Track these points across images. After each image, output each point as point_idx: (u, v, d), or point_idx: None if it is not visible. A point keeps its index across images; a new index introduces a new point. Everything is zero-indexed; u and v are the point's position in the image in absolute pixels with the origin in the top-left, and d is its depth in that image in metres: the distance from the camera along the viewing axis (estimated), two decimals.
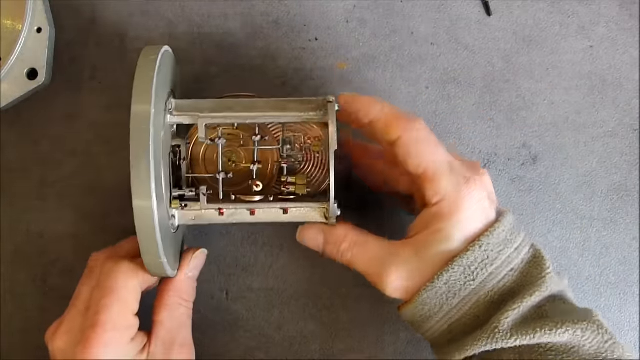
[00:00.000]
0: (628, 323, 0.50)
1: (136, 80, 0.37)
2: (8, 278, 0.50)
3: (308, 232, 0.44)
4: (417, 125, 0.41)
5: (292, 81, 0.51)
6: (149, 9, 0.51)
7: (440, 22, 0.52)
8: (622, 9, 0.52)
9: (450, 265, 0.39)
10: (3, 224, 0.50)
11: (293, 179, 0.43)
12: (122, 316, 0.40)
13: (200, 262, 0.45)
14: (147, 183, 0.36)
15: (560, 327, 0.38)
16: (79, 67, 0.51)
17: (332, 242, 0.43)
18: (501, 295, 0.40)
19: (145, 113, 0.36)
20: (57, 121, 0.51)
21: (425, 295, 0.40)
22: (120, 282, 0.40)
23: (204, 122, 0.41)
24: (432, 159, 0.40)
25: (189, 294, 0.44)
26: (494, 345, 0.38)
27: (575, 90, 0.52)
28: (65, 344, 0.40)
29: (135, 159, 0.36)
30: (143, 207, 0.36)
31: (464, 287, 0.40)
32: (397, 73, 0.51)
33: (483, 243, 0.39)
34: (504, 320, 0.38)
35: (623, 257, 0.51)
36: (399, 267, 0.40)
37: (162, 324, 0.42)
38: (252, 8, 0.52)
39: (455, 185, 0.40)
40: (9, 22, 0.47)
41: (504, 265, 0.40)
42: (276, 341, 0.50)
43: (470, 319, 0.40)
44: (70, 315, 0.41)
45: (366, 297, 0.50)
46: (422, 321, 0.41)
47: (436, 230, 0.40)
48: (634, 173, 0.51)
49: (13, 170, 0.50)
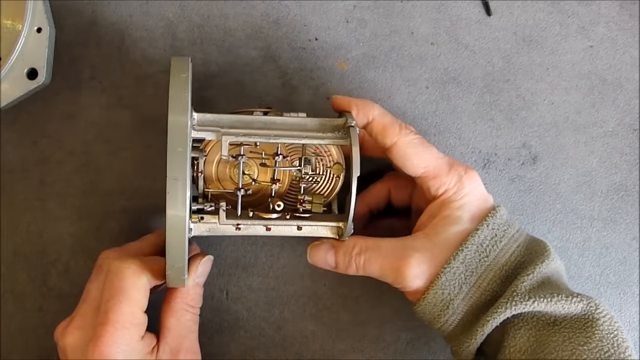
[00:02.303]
0: (628, 323, 0.50)
1: (172, 91, 0.37)
2: (8, 278, 0.50)
3: (318, 251, 0.45)
4: (409, 130, 0.43)
5: (292, 81, 0.51)
6: (149, 9, 0.51)
7: (440, 22, 0.52)
8: (622, 9, 0.52)
9: (464, 245, 0.42)
10: (3, 224, 0.50)
11: (310, 197, 0.44)
12: (131, 314, 0.40)
13: (206, 268, 0.46)
14: (182, 197, 0.36)
15: (576, 297, 0.40)
16: (79, 67, 0.51)
17: (342, 252, 0.44)
18: (514, 270, 0.42)
19: (183, 124, 0.37)
20: (57, 121, 0.51)
21: (444, 278, 0.41)
22: (129, 280, 0.40)
23: (228, 140, 0.41)
24: (429, 159, 0.43)
25: (196, 301, 0.44)
26: (513, 309, 0.40)
27: (575, 90, 0.52)
28: (76, 340, 0.40)
29: (172, 171, 0.36)
30: (177, 217, 0.36)
31: (480, 264, 0.42)
32: (397, 73, 0.51)
33: (490, 222, 0.42)
34: (521, 285, 0.41)
35: (623, 257, 0.51)
36: (416, 255, 0.42)
37: (169, 329, 0.43)
38: (252, 8, 0.52)
39: (456, 177, 0.43)
40: (9, 22, 0.47)
41: (511, 242, 0.43)
42: (276, 341, 0.50)
43: (489, 295, 0.42)
44: (81, 312, 0.42)
45: (366, 297, 0.50)
46: (443, 308, 0.42)
47: (444, 216, 0.43)
48: (634, 173, 0.51)
49: (13, 170, 0.50)
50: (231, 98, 0.51)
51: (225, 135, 0.40)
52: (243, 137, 0.41)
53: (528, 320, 0.41)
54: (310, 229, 0.43)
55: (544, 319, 0.41)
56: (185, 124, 0.37)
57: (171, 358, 0.42)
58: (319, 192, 0.45)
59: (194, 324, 0.44)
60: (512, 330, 0.41)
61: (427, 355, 0.50)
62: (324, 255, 0.44)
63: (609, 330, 0.40)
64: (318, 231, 0.44)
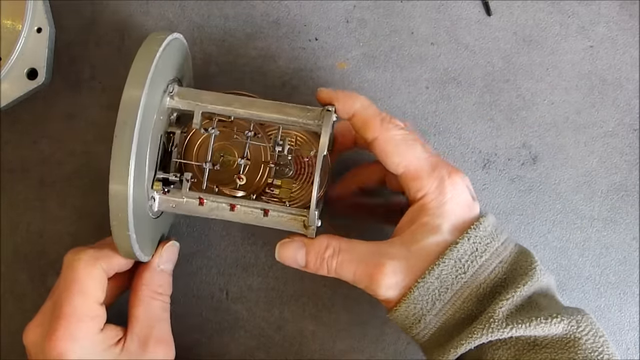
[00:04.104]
0: (628, 323, 0.50)
1: (135, 61, 0.38)
2: (8, 278, 0.50)
3: (287, 249, 0.42)
4: (393, 124, 0.41)
5: (292, 81, 0.51)
6: (149, 9, 0.51)
7: (440, 22, 0.52)
8: (622, 9, 0.52)
9: (441, 259, 0.39)
10: (3, 224, 0.50)
11: (279, 182, 0.43)
12: (85, 306, 0.39)
13: (171, 254, 0.44)
14: (128, 143, 0.36)
15: (555, 317, 0.38)
16: (79, 67, 0.51)
17: (314, 252, 0.41)
18: (493, 288, 0.40)
19: (137, 96, 0.37)
20: (57, 121, 0.51)
21: (416, 293, 0.39)
22: (81, 271, 0.39)
23: (201, 110, 0.42)
24: (411, 158, 0.40)
25: (164, 288, 0.43)
26: (489, 336, 0.38)
27: (575, 90, 0.52)
28: (36, 338, 0.40)
29: (123, 115, 0.36)
30: (119, 174, 0.36)
31: (456, 280, 0.39)
32: (397, 73, 0.51)
33: (471, 235, 0.39)
34: (498, 310, 0.38)
35: (623, 257, 0.51)
36: (391, 263, 0.39)
37: (136, 319, 0.41)
38: (252, 8, 0.52)
39: (438, 180, 0.40)
40: (9, 22, 0.47)
41: (493, 257, 0.40)
42: (276, 341, 0.50)
43: (463, 314, 0.40)
44: (42, 310, 0.41)
45: (366, 297, 0.50)
46: (414, 322, 0.40)
47: (423, 223, 0.40)
48: (634, 173, 0.51)
49: (13, 170, 0.50)
50: None
51: (199, 106, 0.41)
52: (218, 111, 0.42)
53: (507, 341, 0.38)
54: (277, 217, 0.42)
55: (523, 340, 0.38)
56: (139, 94, 0.37)
57: (139, 349, 0.41)
58: (298, 193, 0.44)
59: (163, 311, 0.43)
60: (490, 350, 0.39)
61: None
62: (294, 253, 0.42)
63: (593, 348, 0.38)
64: (285, 223, 0.42)
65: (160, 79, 0.40)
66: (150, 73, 0.37)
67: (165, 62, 0.40)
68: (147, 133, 0.39)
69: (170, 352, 0.43)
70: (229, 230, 0.50)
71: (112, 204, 0.37)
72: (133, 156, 0.36)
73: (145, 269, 0.43)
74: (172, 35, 0.41)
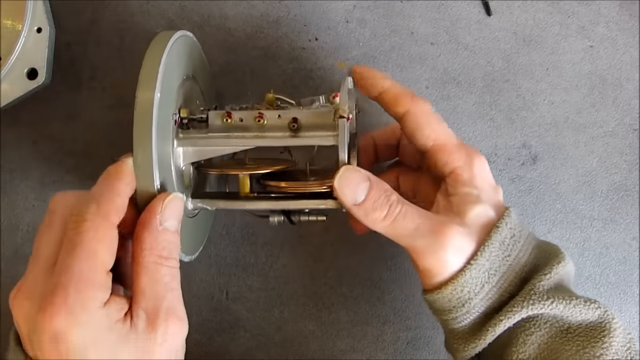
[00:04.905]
0: (628, 323, 0.50)
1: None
2: (8, 278, 0.49)
3: (352, 175, 0.38)
4: (422, 100, 0.41)
5: (292, 81, 0.51)
6: (149, 9, 0.51)
7: (440, 22, 0.52)
8: (622, 9, 0.52)
9: (489, 240, 0.38)
10: (3, 224, 0.50)
11: None
12: (92, 275, 0.33)
13: (174, 210, 0.36)
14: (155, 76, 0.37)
15: (593, 302, 0.38)
16: (79, 67, 0.51)
17: (378, 189, 0.38)
18: (530, 272, 0.40)
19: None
20: (57, 121, 0.51)
21: (468, 275, 0.38)
22: (89, 234, 0.33)
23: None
24: (440, 132, 0.41)
25: (169, 250, 0.35)
26: (530, 309, 0.37)
27: (575, 90, 0.52)
28: (26, 313, 0.33)
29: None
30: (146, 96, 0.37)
31: (502, 262, 0.39)
32: (397, 73, 0.51)
33: (507, 221, 0.39)
34: (539, 284, 0.38)
35: (623, 257, 0.51)
36: (456, 227, 0.38)
37: (142, 290, 0.34)
38: (252, 8, 0.52)
39: (466, 156, 0.40)
40: (9, 22, 0.47)
41: (527, 242, 0.40)
42: (276, 341, 0.50)
43: (506, 298, 0.39)
44: (32, 275, 0.34)
45: (366, 297, 0.50)
46: (458, 305, 0.39)
47: (463, 193, 0.40)
48: (634, 173, 0.51)
49: (13, 170, 0.50)
50: (232, 98, 0.51)
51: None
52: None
53: (541, 326, 0.38)
54: (308, 136, 0.40)
55: (558, 325, 0.38)
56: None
57: (148, 326, 0.34)
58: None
59: (172, 279, 0.35)
60: (523, 335, 0.38)
61: (427, 355, 0.50)
62: (357, 183, 0.38)
63: (623, 342, 0.38)
64: (318, 141, 0.40)
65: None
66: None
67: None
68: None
69: (183, 326, 0.35)
70: (229, 230, 0.50)
71: (137, 120, 0.37)
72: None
73: (145, 230, 0.35)
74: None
